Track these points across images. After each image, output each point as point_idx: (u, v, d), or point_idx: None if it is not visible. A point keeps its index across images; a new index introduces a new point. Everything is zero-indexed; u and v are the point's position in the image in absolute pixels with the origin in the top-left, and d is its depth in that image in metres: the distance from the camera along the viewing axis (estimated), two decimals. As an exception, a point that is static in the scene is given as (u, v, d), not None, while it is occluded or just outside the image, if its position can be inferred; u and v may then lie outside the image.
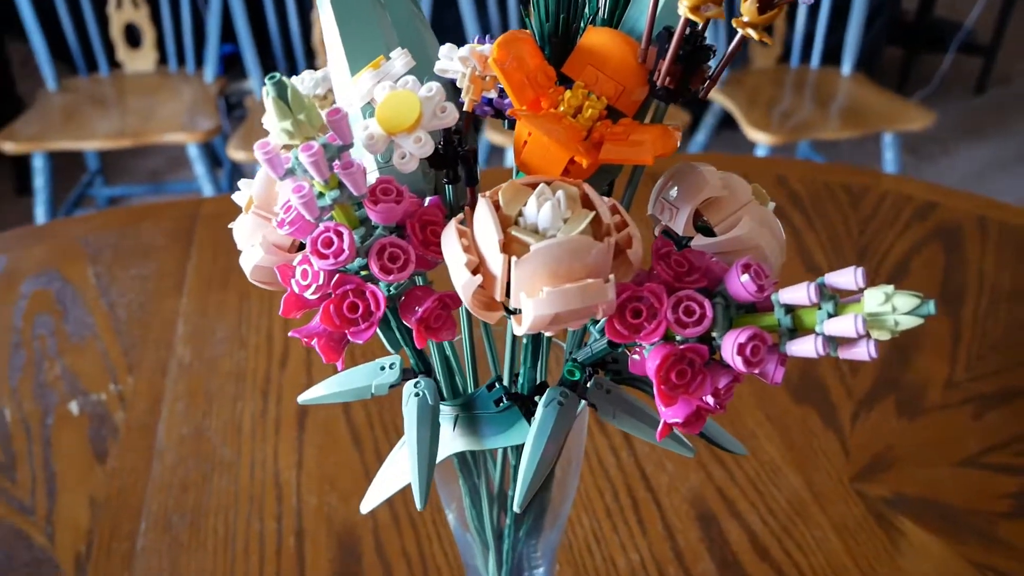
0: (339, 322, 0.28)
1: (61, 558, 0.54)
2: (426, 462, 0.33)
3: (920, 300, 0.26)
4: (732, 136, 2.17)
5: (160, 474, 0.60)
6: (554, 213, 0.27)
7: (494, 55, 0.30)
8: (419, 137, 0.27)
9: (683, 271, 0.29)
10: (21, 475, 0.60)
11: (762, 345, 0.27)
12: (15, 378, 0.68)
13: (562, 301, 0.26)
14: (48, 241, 0.86)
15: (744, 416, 0.64)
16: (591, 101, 0.30)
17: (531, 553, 0.44)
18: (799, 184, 0.92)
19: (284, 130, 0.25)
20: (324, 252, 0.28)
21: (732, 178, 0.33)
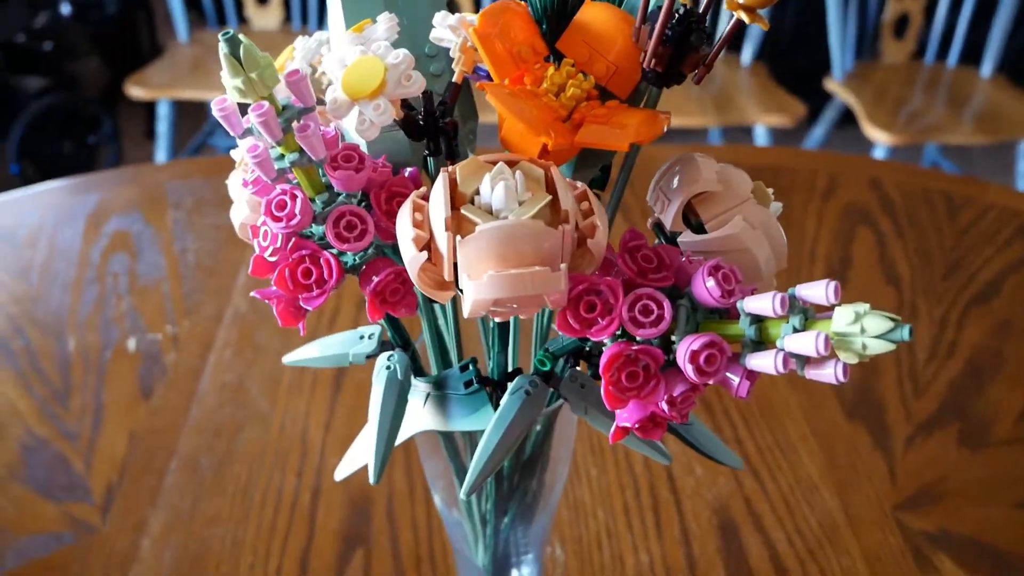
0: (292, 287, 0.28)
1: (94, 485, 0.57)
2: (386, 436, 0.32)
3: (894, 324, 0.23)
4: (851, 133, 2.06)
5: (197, 417, 0.62)
6: (508, 194, 0.25)
7: (476, 26, 0.28)
8: (379, 104, 0.26)
9: (650, 267, 0.27)
10: (73, 403, 0.63)
11: (719, 355, 0.25)
12: (85, 311, 0.72)
13: (504, 287, 0.25)
14: (138, 184, 0.90)
15: (787, 426, 0.61)
16: (576, 80, 0.28)
17: (519, 539, 0.43)
18: (894, 189, 0.86)
19: (235, 87, 0.25)
20: (277, 215, 0.27)
21: (731, 173, 0.31)
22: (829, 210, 0.84)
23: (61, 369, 0.66)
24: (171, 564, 0.52)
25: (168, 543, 0.53)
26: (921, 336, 0.69)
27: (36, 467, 0.58)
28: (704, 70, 0.28)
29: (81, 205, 0.86)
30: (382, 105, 0.27)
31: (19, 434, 0.61)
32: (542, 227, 0.25)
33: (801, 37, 2.31)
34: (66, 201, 0.87)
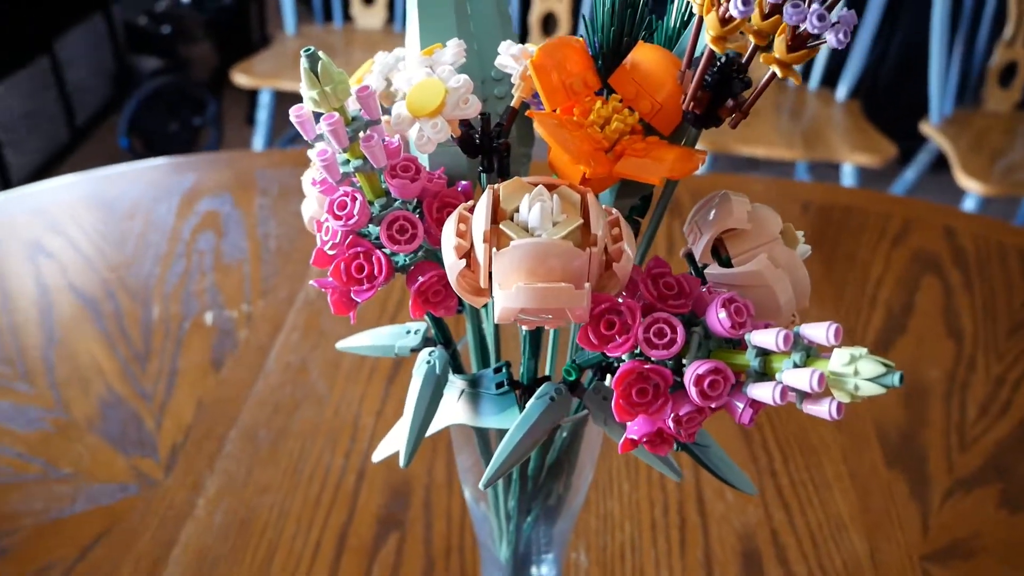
0: (346, 279, 0.31)
1: (161, 443, 0.62)
2: (419, 425, 0.35)
3: (886, 369, 0.25)
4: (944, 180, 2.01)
5: (260, 392, 0.66)
6: (543, 214, 0.28)
7: (535, 57, 0.31)
8: (436, 123, 0.29)
9: (671, 294, 0.29)
10: (151, 366, 0.68)
11: (723, 381, 0.27)
12: (171, 283, 0.77)
13: (530, 298, 0.27)
14: (232, 168, 0.96)
15: (824, 465, 0.62)
16: (621, 115, 0.31)
17: (540, 539, 0.45)
18: (968, 239, 0.85)
19: (311, 98, 0.28)
20: (338, 213, 0.30)
21: (763, 214, 0.33)
22: (898, 255, 0.83)
23: (144, 334, 0.71)
24: (221, 525, 0.56)
25: (220, 505, 0.57)
26: (975, 392, 0.68)
27: (112, 421, 0.63)
28: (740, 116, 0.30)
29: (178, 183, 0.92)
30: (439, 124, 0.29)
31: (100, 390, 0.66)
32: (570, 247, 0.27)
33: (903, 76, 2.27)
34: (165, 178, 0.93)
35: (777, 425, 0.65)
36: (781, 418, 0.65)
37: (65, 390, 0.66)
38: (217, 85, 2.44)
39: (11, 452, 0.61)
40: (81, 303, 0.75)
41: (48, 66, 2.17)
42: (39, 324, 0.72)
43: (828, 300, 0.77)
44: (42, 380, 0.67)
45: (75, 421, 0.63)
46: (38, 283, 0.77)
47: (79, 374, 0.67)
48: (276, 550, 0.55)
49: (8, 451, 0.61)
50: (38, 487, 0.58)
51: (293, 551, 0.55)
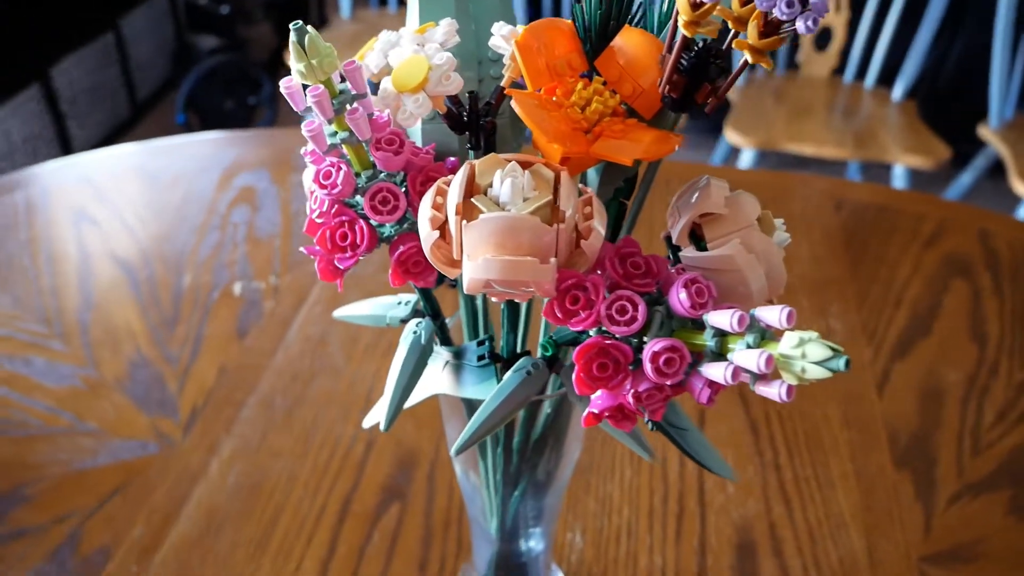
0: (330, 247, 0.33)
1: (182, 405, 0.64)
2: (400, 392, 0.36)
3: (832, 353, 0.25)
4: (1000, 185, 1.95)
5: (280, 361, 0.68)
6: (514, 190, 0.29)
7: (519, 37, 0.32)
8: (418, 99, 0.30)
9: (637, 273, 0.30)
10: (178, 331, 0.71)
11: (679, 359, 0.28)
12: (204, 253, 0.80)
13: (495, 270, 0.28)
14: (271, 146, 0.98)
15: (831, 462, 0.61)
16: (602, 97, 0.31)
17: (528, 513, 0.46)
18: (1003, 243, 0.83)
19: (298, 70, 0.29)
20: (324, 183, 0.32)
21: (742, 200, 0.33)
22: (928, 257, 0.82)
23: (174, 301, 0.74)
24: (233, 486, 0.58)
25: (233, 467, 0.60)
26: (994, 397, 0.67)
27: (138, 382, 0.66)
28: (715, 101, 0.30)
29: (220, 158, 0.95)
30: (420, 99, 0.30)
31: (130, 352, 0.69)
32: (537, 223, 0.28)
33: (964, 78, 2.20)
34: (207, 152, 0.96)
35: (787, 421, 0.64)
36: (793, 415, 0.65)
37: (97, 350, 0.69)
38: (274, 66, 2.48)
39: (42, 405, 0.64)
40: (119, 269, 0.78)
41: (113, 42, 2.23)
42: (78, 287, 0.75)
43: (852, 298, 0.76)
44: (76, 340, 0.70)
45: (104, 380, 0.66)
46: (80, 248, 0.80)
47: (111, 336, 0.70)
48: (282, 512, 0.57)
49: (39, 404, 0.64)
50: (65, 439, 0.61)
51: (298, 514, 0.57)
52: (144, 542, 0.55)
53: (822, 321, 0.74)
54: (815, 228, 0.85)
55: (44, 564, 0.53)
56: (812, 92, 1.82)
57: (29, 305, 0.73)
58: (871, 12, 1.73)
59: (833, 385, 0.68)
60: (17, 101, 1.91)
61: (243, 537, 0.55)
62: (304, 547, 0.55)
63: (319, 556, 0.54)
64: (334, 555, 0.54)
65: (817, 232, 0.85)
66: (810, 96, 1.81)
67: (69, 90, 2.08)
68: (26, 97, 1.94)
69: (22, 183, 0.89)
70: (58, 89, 2.03)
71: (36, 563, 0.53)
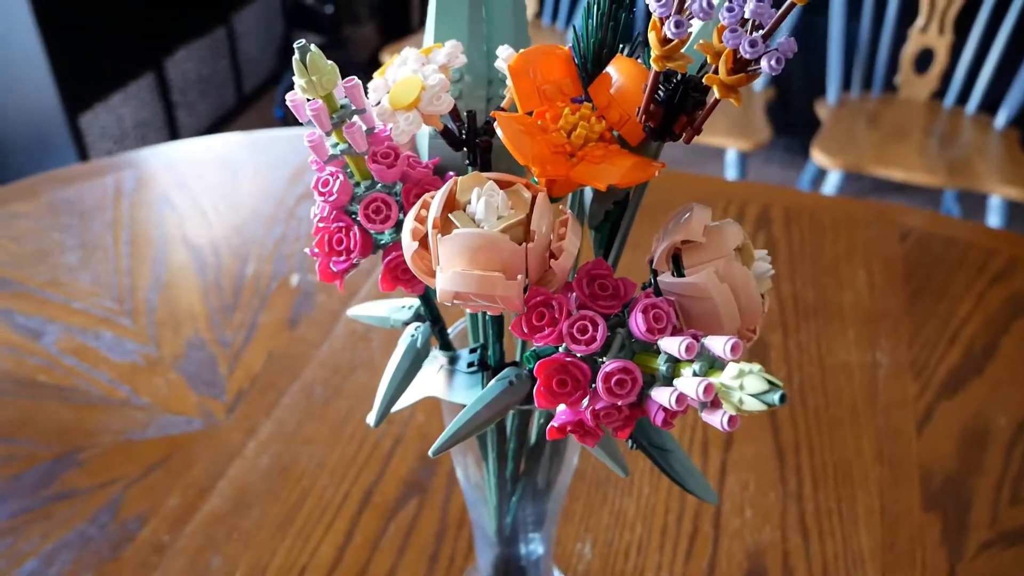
0: (327, 250, 0.35)
1: (229, 387, 0.68)
2: (392, 392, 0.38)
3: (769, 386, 0.26)
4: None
5: (325, 353, 0.71)
6: (488, 208, 0.30)
7: (512, 62, 0.33)
8: (409, 116, 0.32)
9: (603, 294, 0.31)
10: (235, 317, 0.75)
11: (630, 381, 0.29)
12: (268, 244, 0.84)
13: (462, 283, 0.30)
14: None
15: (857, 497, 0.60)
16: (587, 123, 0.32)
17: (528, 518, 0.47)
18: (1077, 287, 0.80)
19: (300, 86, 0.32)
20: (322, 190, 0.34)
21: (723, 230, 0.33)
22: (992, 294, 0.79)
23: (235, 288, 0.78)
24: (264, 467, 0.62)
25: (268, 450, 0.63)
26: (1044, 445, 0.64)
27: (192, 362, 0.70)
28: (691, 132, 0.31)
29: (294, 154, 0.99)
30: (412, 117, 0.32)
31: (189, 333, 0.73)
32: (506, 240, 0.30)
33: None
34: (286, 148, 1.00)
35: (816, 452, 0.64)
36: (824, 446, 0.64)
37: (159, 329, 0.73)
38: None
39: (104, 377, 0.69)
40: (190, 254, 0.83)
41: (225, 36, 2.35)
42: (150, 269, 0.80)
43: (904, 332, 0.74)
44: (142, 318, 0.75)
45: (162, 357, 0.71)
46: (159, 232, 0.86)
47: (174, 317, 0.75)
48: (307, 496, 0.60)
49: (102, 376, 0.69)
50: (119, 411, 0.66)
51: (322, 500, 0.59)
52: (178, 513, 0.58)
53: (868, 353, 0.72)
54: (876, 257, 0.83)
55: (85, 525, 0.57)
56: (909, 115, 1.76)
57: (106, 283, 0.78)
58: (977, 35, 1.66)
59: (871, 419, 0.66)
60: (131, 89, 2.03)
61: (268, 517, 0.58)
62: (323, 532, 0.57)
63: (336, 542, 0.57)
64: (350, 543, 0.57)
65: (877, 261, 0.83)
66: (906, 119, 1.75)
67: (181, 80, 2.20)
68: (140, 85, 2.06)
69: (115, 167, 0.96)
70: (171, 79, 2.15)
71: (78, 523, 0.57)
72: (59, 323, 0.74)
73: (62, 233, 0.85)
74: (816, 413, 0.67)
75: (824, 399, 0.68)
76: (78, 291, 0.77)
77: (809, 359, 0.72)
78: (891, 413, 0.67)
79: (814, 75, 2.02)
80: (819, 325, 0.75)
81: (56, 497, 0.59)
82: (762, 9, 0.27)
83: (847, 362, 0.71)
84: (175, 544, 0.56)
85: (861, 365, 0.71)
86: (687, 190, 0.93)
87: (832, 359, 0.72)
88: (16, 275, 0.79)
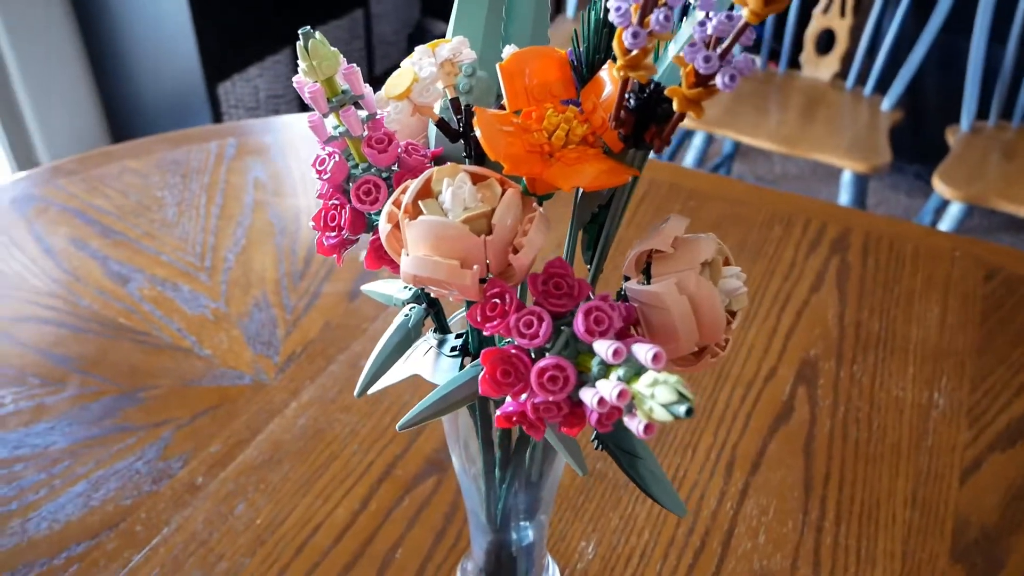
0: (322, 226, 0.37)
1: (283, 350, 0.72)
2: (377, 367, 0.40)
3: (678, 398, 0.26)
4: None
5: (378, 327, 0.74)
6: (455, 199, 0.32)
7: (504, 62, 0.34)
8: (399, 106, 0.34)
9: (556, 292, 0.32)
10: (301, 285, 0.79)
11: (562, 378, 0.29)
12: (345, 219, 0.88)
13: (419, 267, 0.31)
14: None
15: (880, 538, 0.58)
16: (566, 126, 0.33)
17: (519, 506, 0.49)
18: None
19: (302, 70, 0.34)
20: (319, 168, 0.36)
21: (694, 243, 0.34)
22: (1078, 348, 0.74)
23: (307, 257, 0.82)
24: (302, 426, 0.65)
25: (306, 412, 0.66)
26: (1101, 513, 0.60)
27: (255, 321, 0.75)
28: (660, 142, 0.31)
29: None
30: (401, 107, 0.34)
31: (257, 294, 0.78)
32: (465, 231, 0.31)
33: None
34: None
35: (846, 486, 0.62)
36: (856, 481, 0.62)
37: (231, 288, 0.78)
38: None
39: (174, 326, 0.74)
40: (272, 221, 0.87)
41: (362, 18, 2.44)
42: (234, 230, 0.86)
43: (968, 375, 0.71)
44: (218, 276, 0.80)
45: (228, 314, 0.75)
46: (248, 197, 0.91)
47: (246, 278, 0.80)
48: (334, 461, 0.63)
49: (173, 324, 0.74)
50: (182, 358, 0.71)
51: (348, 466, 0.62)
52: (216, 458, 0.63)
53: (925, 392, 0.69)
54: (955, 294, 0.79)
55: (134, 458, 0.62)
56: (1049, 151, 1.65)
57: (193, 240, 0.84)
58: None
59: (912, 461, 0.63)
60: (268, 63, 2.14)
61: (295, 474, 0.62)
62: (342, 496, 0.60)
63: (352, 507, 0.60)
64: (365, 509, 0.59)
65: (955, 298, 0.79)
66: (1045, 155, 1.64)
67: (314, 58, 2.30)
68: (277, 60, 2.17)
69: (221, 133, 1.02)
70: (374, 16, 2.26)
71: (128, 456, 0.63)
72: (145, 272, 0.80)
73: (164, 191, 0.91)
74: (855, 447, 0.65)
75: (867, 434, 0.66)
76: (167, 245, 0.83)
77: (860, 391, 0.69)
78: (936, 457, 0.64)
79: (952, 100, 1.91)
80: (878, 357, 0.72)
81: (115, 429, 0.65)
82: (725, 26, 0.27)
83: (900, 399, 0.68)
84: (207, 487, 0.61)
85: (915, 404, 0.68)
86: (768, 205, 0.90)
87: (884, 394, 0.69)
88: (117, 225, 0.86)
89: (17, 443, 0.64)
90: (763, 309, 0.77)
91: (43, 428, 0.65)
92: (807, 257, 0.84)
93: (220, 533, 0.58)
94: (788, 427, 0.66)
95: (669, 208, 0.89)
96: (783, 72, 1.90)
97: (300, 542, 0.57)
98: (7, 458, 0.63)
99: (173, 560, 0.56)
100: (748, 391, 0.69)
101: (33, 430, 0.65)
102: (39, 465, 0.62)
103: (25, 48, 1.90)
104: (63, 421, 0.66)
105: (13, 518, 0.59)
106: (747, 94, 1.82)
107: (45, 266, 0.81)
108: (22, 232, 0.85)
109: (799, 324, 0.76)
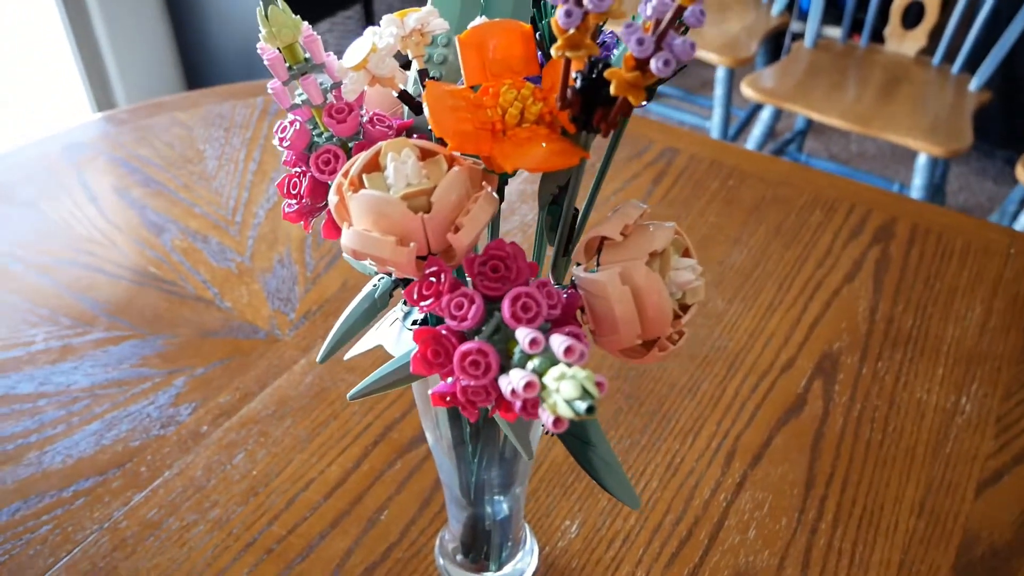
0: (286, 193, 0.37)
1: (300, 307, 0.73)
2: (342, 334, 0.40)
3: (580, 395, 0.25)
4: None
5: (394, 291, 0.75)
6: (397, 174, 0.31)
7: (463, 34, 0.33)
8: (354, 76, 0.33)
9: (492, 275, 0.31)
10: (325, 244, 0.80)
11: (483, 363, 0.29)
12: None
13: (356, 241, 0.31)
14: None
15: (879, 546, 0.56)
16: (519, 105, 0.32)
17: (492, 481, 0.48)
18: None
19: (263, 36, 0.34)
20: (280, 136, 0.36)
21: (645, 233, 0.32)
22: None
23: (336, 217, 0.83)
24: (308, 383, 0.66)
25: (313, 369, 0.67)
26: (1123, 538, 0.57)
27: (276, 277, 0.76)
28: (607, 127, 0.30)
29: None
30: (358, 77, 0.33)
31: (280, 251, 0.79)
32: (402, 208, 0.31)
33: None
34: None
35: (850, 487, 0.59)
36: (861, 483, 0.60)
37: (257, 243, 0.80)
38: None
39: (200, 277, 0.76)
40: (308, 179, 0.88)
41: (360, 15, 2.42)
42: (267, 187, 0.87)
43: (1002, 382, 0.67)
44: (247, 231, 0.81)
45: (251, 269, 0.77)
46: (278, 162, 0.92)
47: (272, 234, 0.81)
48: (334, 419, 0.64)
49: (199, 276, 0.76)
50: (203, 309, 0.73)
51: (346, 425, 0.63)
52: (222, 409, 0.64)
53: (952, 396, 0.66)
54: (1004, 295, 0.75)
55: (146, 402, 0.65)
56: None
57: (227, 194, 0.86)
58: None
59: (926, 467, 0.61)
60: (338, 18, 2.15)
61: (295, 429, 0.63)
62: (337, 455, 0.61)
63: (345, 466, 0.60)
64: (357, 469, 0.60)
65: (1004, 299, 0.75)
66: None
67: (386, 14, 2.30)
68: (346, 16, 2.18)
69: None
70: (376, 12, 2.26)
71: (140, 400, 0.65)
72: (179, 223, 0.82)
73: (207, 144, 0.93)
74: (866, 447, 0.62)
75: (881, 435, 0.63)
76: (203, 198, 0.85)
77: (880, 390, 0.66)
78: (953, 466, 0.61)
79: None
80: (906, 356, 0.69)
81: (133, 374, 0.67)
82: (665, 7, 0.26)
83: (923, 401, 0.66)
84: (211, 435, 0.62)
85: (939, 408, 0.65)
86: (812, 188, 0.87)
87: (907, 395, 0.66)
88: (159, 175, 0.88)
89: (43, 380, 0.67)
90: (790, 297, 0.74)
91: (68, 367, 0.68)
92: (845, 245, 0.80)
93: (217, 480, 0.60)
94: (798, 421, 0.64)
95: (707, 186, 0.87)
96: (865, 46, 1.81)
97: (291, 496, 0.59)
98: (32, 393, 0.66)
99: (170, 503, 0.58)
100: (761, 381, 0.67)
101: (59, 368, 0.68)
102: (60, 402, 0.65)
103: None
104: (87, 362, 0.68)
105: (32, 450, 0.62)
106: (824, 68, 1.75)
107: (89, 213, 0.83)
108: (72, 179, 0.88)
109: (826, 315, 0.73)
